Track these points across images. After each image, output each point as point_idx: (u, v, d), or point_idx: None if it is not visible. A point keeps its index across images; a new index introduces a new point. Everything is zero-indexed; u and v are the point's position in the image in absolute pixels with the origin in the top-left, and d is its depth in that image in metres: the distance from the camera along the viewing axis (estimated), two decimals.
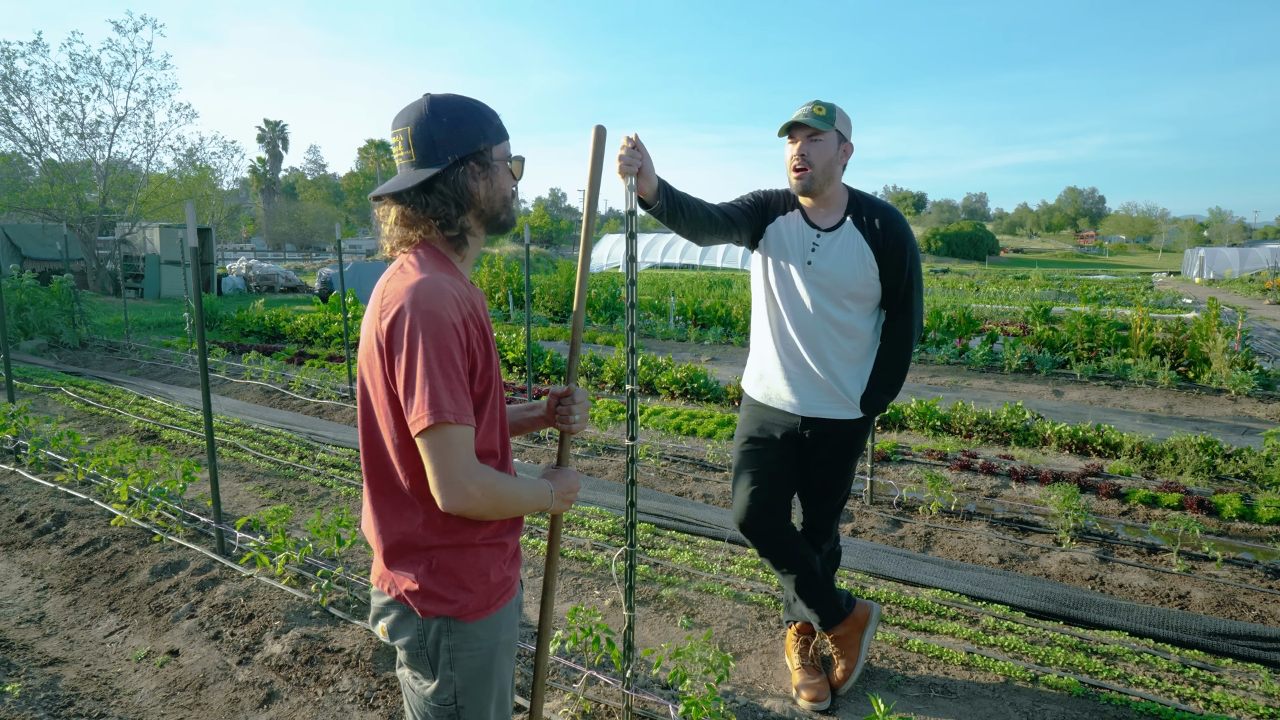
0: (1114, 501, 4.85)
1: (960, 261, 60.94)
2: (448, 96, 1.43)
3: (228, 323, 13.78)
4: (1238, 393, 8.36)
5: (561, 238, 64.86)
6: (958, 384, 9.21)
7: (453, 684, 1.44)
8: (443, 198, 1.41)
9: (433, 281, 1.33)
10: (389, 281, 1.38)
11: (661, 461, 5.75)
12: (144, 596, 3.60)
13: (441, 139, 1.39)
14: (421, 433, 1.29)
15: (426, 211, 1.41)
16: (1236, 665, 3.00)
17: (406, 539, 1.42)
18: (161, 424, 6.71)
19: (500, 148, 1.47)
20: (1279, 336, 14.10)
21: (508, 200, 1.50)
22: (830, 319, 2.58)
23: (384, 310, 1.34)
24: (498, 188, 1.47)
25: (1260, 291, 26.04)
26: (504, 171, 1.48)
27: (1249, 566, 3.95)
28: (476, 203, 1.45)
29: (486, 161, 1.44)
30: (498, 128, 1.47)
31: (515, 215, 1.54)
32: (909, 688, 2.88)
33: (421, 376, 1.28)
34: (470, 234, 1.47)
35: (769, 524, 2.70)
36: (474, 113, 1.43)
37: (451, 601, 1.42)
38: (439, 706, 1.45)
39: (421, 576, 1.41)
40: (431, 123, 1.40)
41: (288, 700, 2.79)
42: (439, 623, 1.42)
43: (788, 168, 2.56)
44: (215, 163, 24.76)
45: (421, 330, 1.29)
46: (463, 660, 1.44)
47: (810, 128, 2.47)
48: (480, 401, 1.42)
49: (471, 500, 1.32)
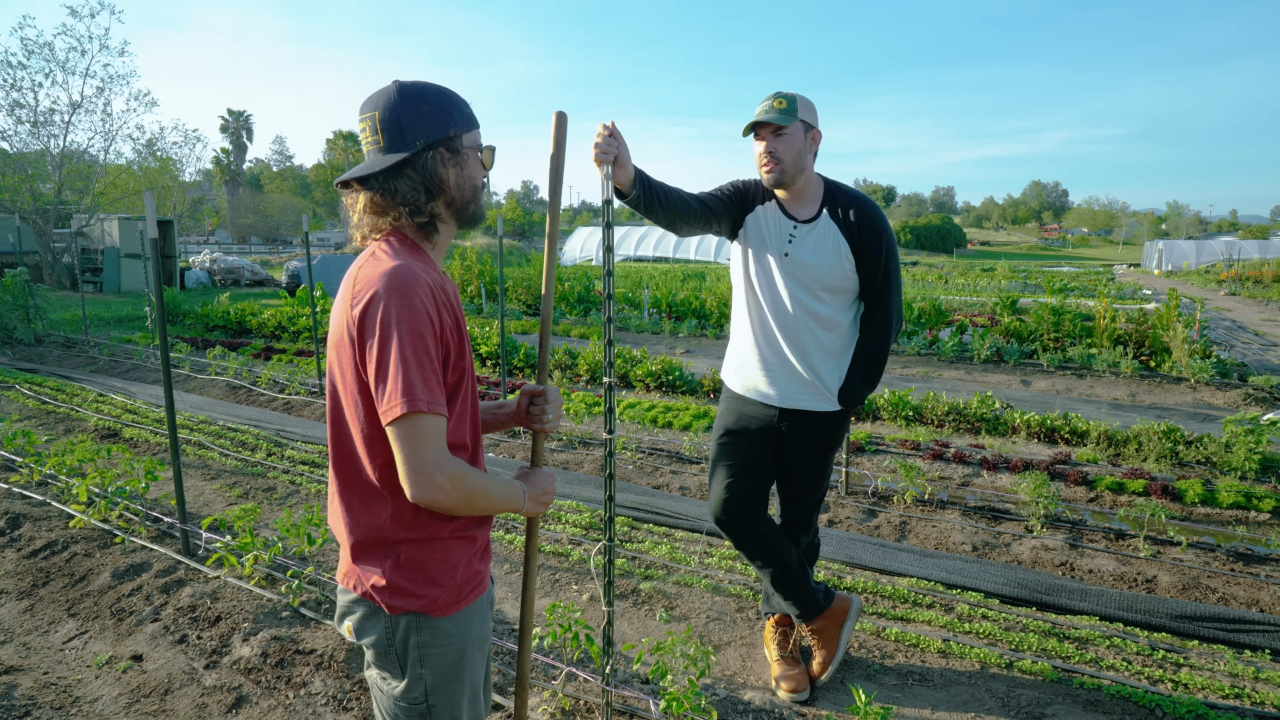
0: (1082, 488, 4.95)
1: (929, 254, 61.80)
2: (417, 83, 1.40)
3: (191, 317, 13.43)
4: (1197, 381, 8.58)
5: (534, 230, 64.39)
6: (929, 375, 9.32)
7: (423, 682, 1.40)
8: (412, 183, 1.37)
9: (406, 268, 1.29)
10: (361, 268, 1.34)
11: (638, 455, 5.73)
12: (105, 600, 3.49)
13: (410, 124, 1.36)
14: (393, 421, 1.25)
15: (395, 198, 1.37)
16: (1202, 647, 3.07)
17: (374, 533, 1.38)
18: (122, 422, 6.51)
19: (470, 136, 1.44)
20: (1234, 326, 14.52)
21: (478, 190, 1.47)
22: (809, 311, 2.57)
23: (356, 297, 1.30)
24: (468, 176, 1.44)
25: (1216, 283, 26.80)
26: (474, 160, 1.45)
27: (1211, 550, 4.05)
28: (446, 190, 1.41)
29: (456, 148, 1.41)
30: (468, 115, 1.43)
31: (485, 208, 1.51)
32: (887, 676, 2.89)
33: (394, 364, 1.25)
34: (440, 222, 1.43)
35: (746, 517, 2.69)
36: (444, 99, 1.40)
37: (420, 596, 1.38)
38: (409, 706, 1.41)
39: (389, 571, 1.38)
40: (401, 107, 1.36)
41: (257, 704, 2.72)
42: (408, 619, 1.39)
43: (757, 165, 2.55)
44: (176, 153, 24.12)
45: (395, 317, 1.25)
46: (433, 657, 1.41)
47: (772, 124, 2.45)
48: (453, 392, 1.38)
49: (441, 492, 1.28)
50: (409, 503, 1.36)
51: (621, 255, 38.39)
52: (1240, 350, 11.16)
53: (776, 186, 2.56)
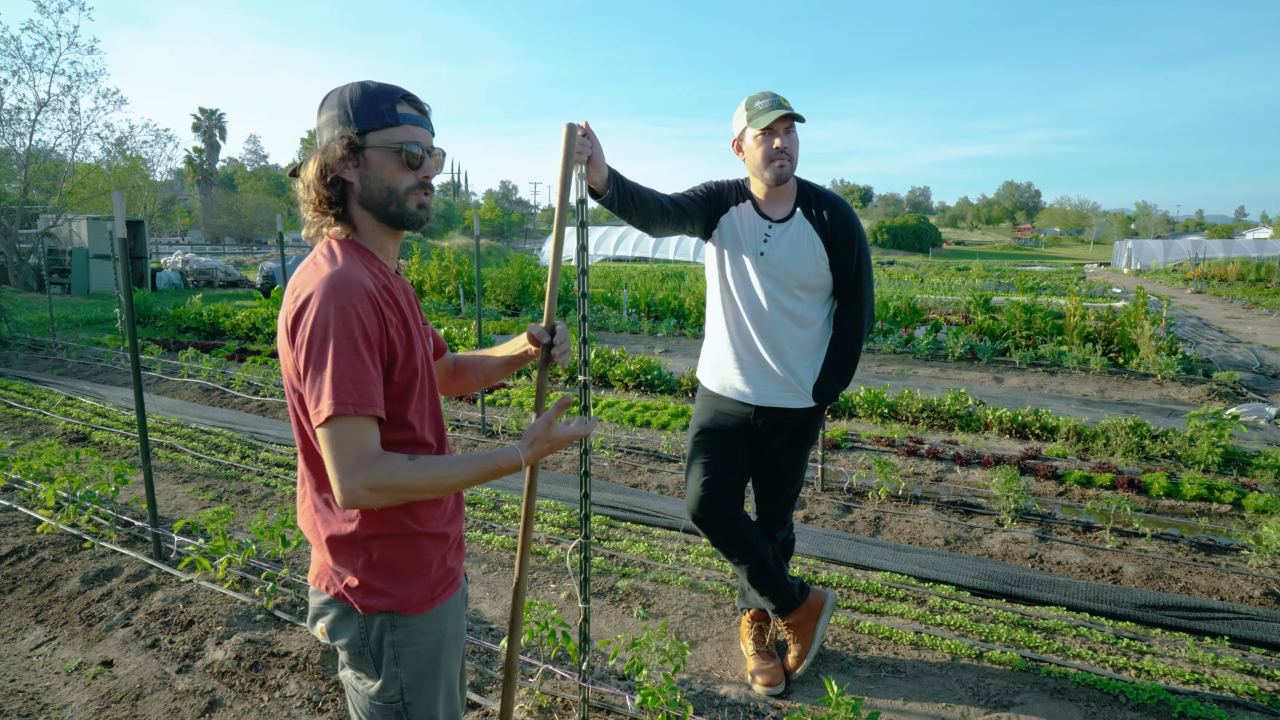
0: (1051, 483, 5.05)
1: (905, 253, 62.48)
2: (348, 84, 1.39)
3: (163, 319, 13.21)
4: (1163, 377, 8.77)
5: (513, 230, 64.09)
6: (904, 372, 9.44)
7: (398, 680, 1.41)
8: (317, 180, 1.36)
9: (342, 273, 1.29)
10: (299, 274, 1.34)
11: (616, 453, 5.75)
12: (74, 606, 3.43)
13: (324, 123, 1.38)
14: (319, 425, 1.25)
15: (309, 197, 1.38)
16: (1165, 634, 3.15)
17: (343, 531, 1.38)
18: (92, 425, 6.39)
19: (378, 134, 1.35)
20: (1200, 324, 14.86)
21: (395, 192, 1.38)
22: (783, 309, 2.60)
23: (292, 302, 1.30)
24: (375, 176, 1.36)
25: (1183, 281, 27.42)
26: (384, 159, 1.36)
27: (1175, 541, 4.15)
28: (352, 190, 1.38)
29: (353, 147, 1.34)
30: (377, 110, 1.35)
31: (413, 211, 1.40)
32: (861, 669, 2.94)
33: (324, 367, 1.24)
34: (357, 219, 1.40)
35: (722, 514, 2.72)
36: (351, 98, 1.36)
37: (393, 595, 1.38)
38: (384, 705, 1.41)
39: (361, 571, 1.38)
40: (322, 108, 1.39)
41: (231, 708, 2.70)
42: (381, 618, 1.39)
43: (760, 160, 2.51)
44: (147, 152, 23.73)
45: (327, 320, 1.25)
46: (408, 656, 1.41)
47: (793, 117, 2.47)
48: (405, 391, 1.38)
49: (363, 497, 1.25)
50: None
51: (600, 255, 38.35)
52: (1205, 347, 11.43)
53: (781, 182, 2.54)
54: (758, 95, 2.51)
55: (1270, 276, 27.73)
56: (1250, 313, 17.25)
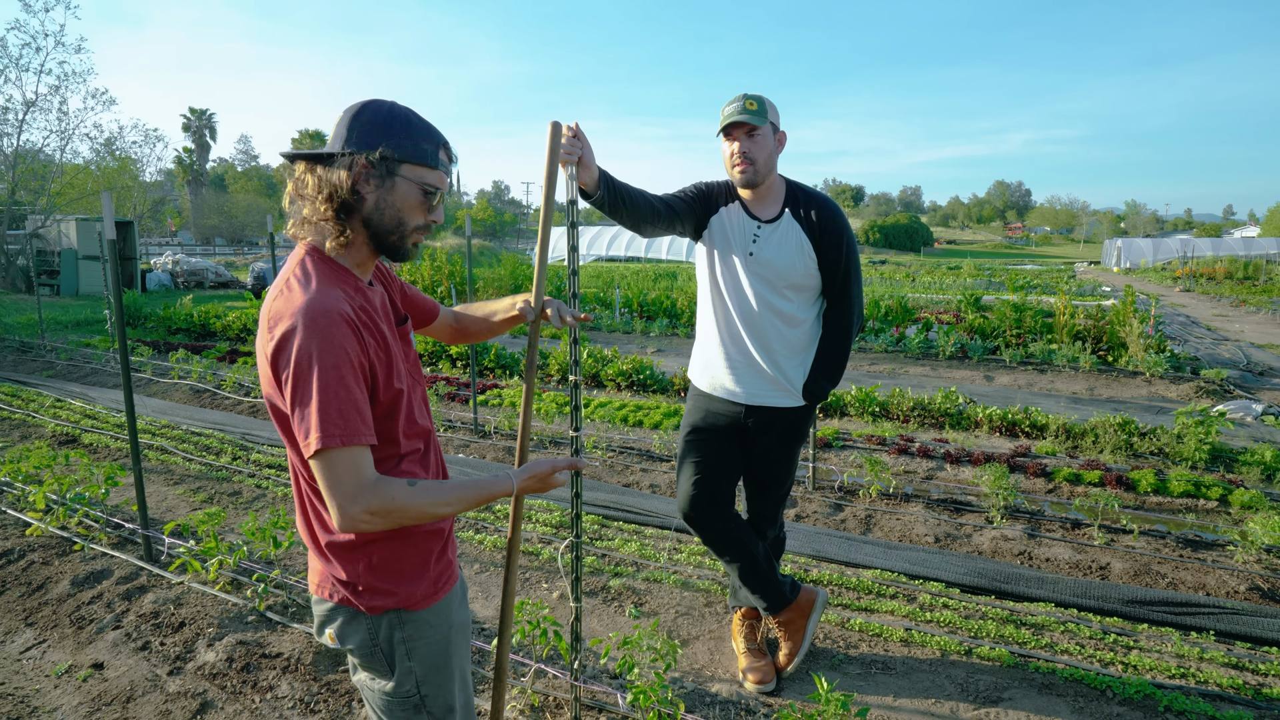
0: (1041, 480, 5.09)
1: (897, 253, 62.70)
2: (405, 108, 1.38)
3: (153, 320, 13.14)
4: (1152, 375, 8.84)
5: (505, 230, 64.00)
6: (895, 371, 9.48)
7: (413, 675, 1.44)
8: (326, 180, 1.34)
9: (319, 303, 1.26)
10: (274, 300, 1.31)
11: (608, 453, 5.76)
12: (64, 609, 3.42)
13: (355, 130, 1.34)
14: (311, 456, 1.25)
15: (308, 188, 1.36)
16: (1151, 630, 3.19)
17: (343, 538, 1.39)
18: (81, 427, 6.36)
19: (414, 169, 1.37)
20: (1188, 322, 14.98)
21: (404, 225, 1.39)
22: (773, 309, 2.62)
23: (270, 332, 1.28)
24: (392, 204, 1.36)
25: (1172, 279, 27.62)
26: (408, 192, 1.37)
27: (1162, 537, 4.19)
28: (362, 205, 1.36)
29: (386, 170, 1.34)
30: (421, 148, 1.37)
31: (408, 248, 1.42)
32: (851, 666, 2.96)
33: (310, 399, 1.24)
34: (353, 231, 1.37)
35: (713, 513, 2.73)
36: (399, 122, 1.36)
37: (396, 593, 1.41)
38: (402, 699, 1.45)
39: (363, 574, 1.40)
40: (357, 115, 1.36)
41: (223, 709, 2.70)
42: (389, 617, 1.41)
43: (728, 165, 2.58)
44: (136, 152, 23.58)
45: (313, 353, 1.24)
46: (420, 649, 1.44)
47: (748, 124, 2.49)
48: (391, 409, 1.39)
49: (362, 524, 1.26)
50: None
51: (593, 255, 38.33)
52: (1194, 345, 11.53)
53: (748, 186, 2.59)
54: (731, 100, 2.53)
55: (1257, 275, 27.96)
56: (1238, 310, 17.39)
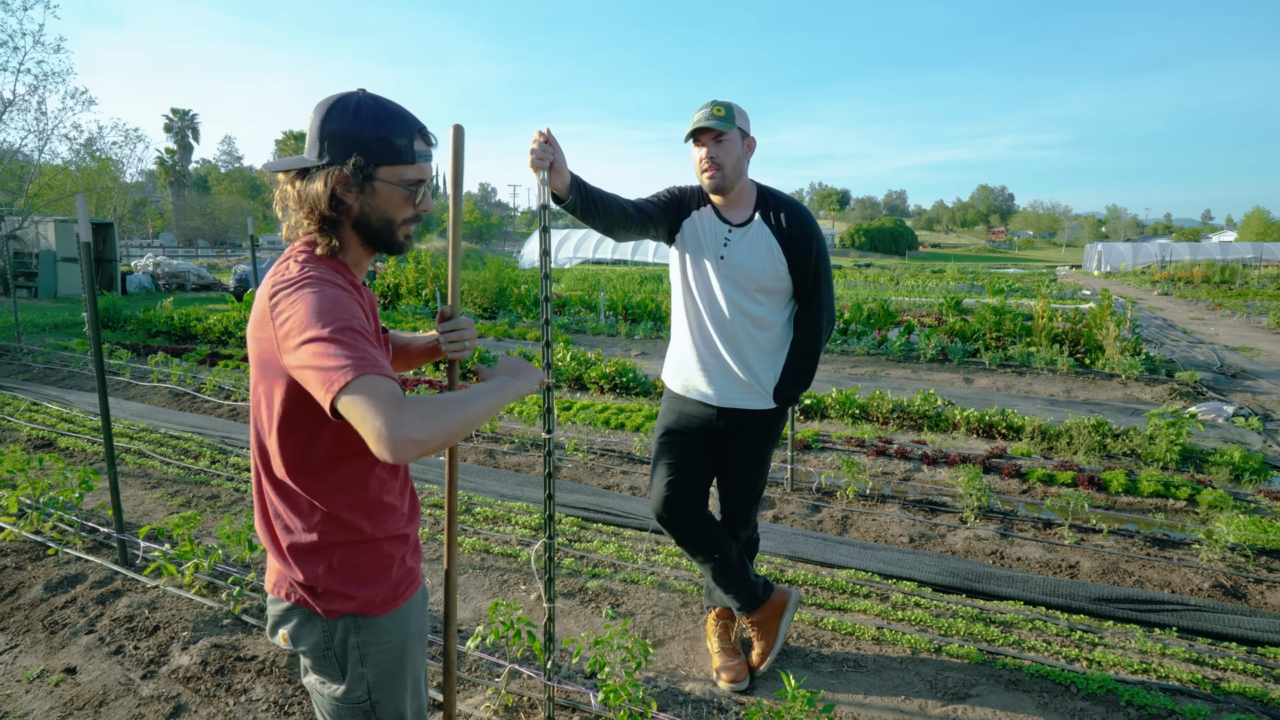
0: (1015, 481, 5.16)
1: (882, 256, 63.15)
2: (366, 100, 1.37)
3: (133, 323, 13.00)
4: (1127, 377, 8.98)
5: (491, 233, 63.86)
6: (876, 374, 9.57)
7: (365, 680, 1.42)
8: (310, 191, 1.35)
9: (329, 275, 1.33)
10: (277, 277, 1.34)
11: (589, 456, 5.78)
12: (37, 614, 3.40)
13: (325, 138, 1.35)
14: (341, 391, 1.13)
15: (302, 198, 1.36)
16: (1116, 626, 3.25)
17: (304, 540, 1.38)
18: (58, 431, 6.30)
19: (391, 169, 1.37)
20: (1165, 325, 15.21)
21: (392, 223, 1.41)
22: (744, 312, 2.65)
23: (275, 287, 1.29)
24: (377, 207, 1.38)
25: (1150, 283, 28.02)
26: (391, 193, 1.38)
27: (1131, 536, 4.27)
28: (349, 212, 1.38)
29: (363, 177, 1.35)
30: (395, 147, 1.36)
31: (400, 240, 1.45)
32: (823, 664, 3.00)
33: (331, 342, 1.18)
34: (345, 234, 1.40)
35: (686, 514, 2.76)
36: (367, 121, 1.35)
37: (356, 598, 1.39)
38: (352, 705, 1.42)
39: (323, 577, 1.38)
40: (327, 118, 1.35)
41: (196, 713, 2.69)
42: (345, 621, 1.39)
43: (697, 170, 2.61)
44: (117, 153, 23.35)
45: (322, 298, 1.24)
46: (374, 655, 1.42)
47: (715, 130, 2.53)
48: None
49: (413, 443, 1.13)
50: (336, 509, 1.37)
51: (580, 258, 38.35)
52: (1170, 347, 11.71)
53: (717, 191, 2.62)
54: (700, 106, 2.57)
55: (1234, 278, 28.44)
56: (1214, 314, 17.68)
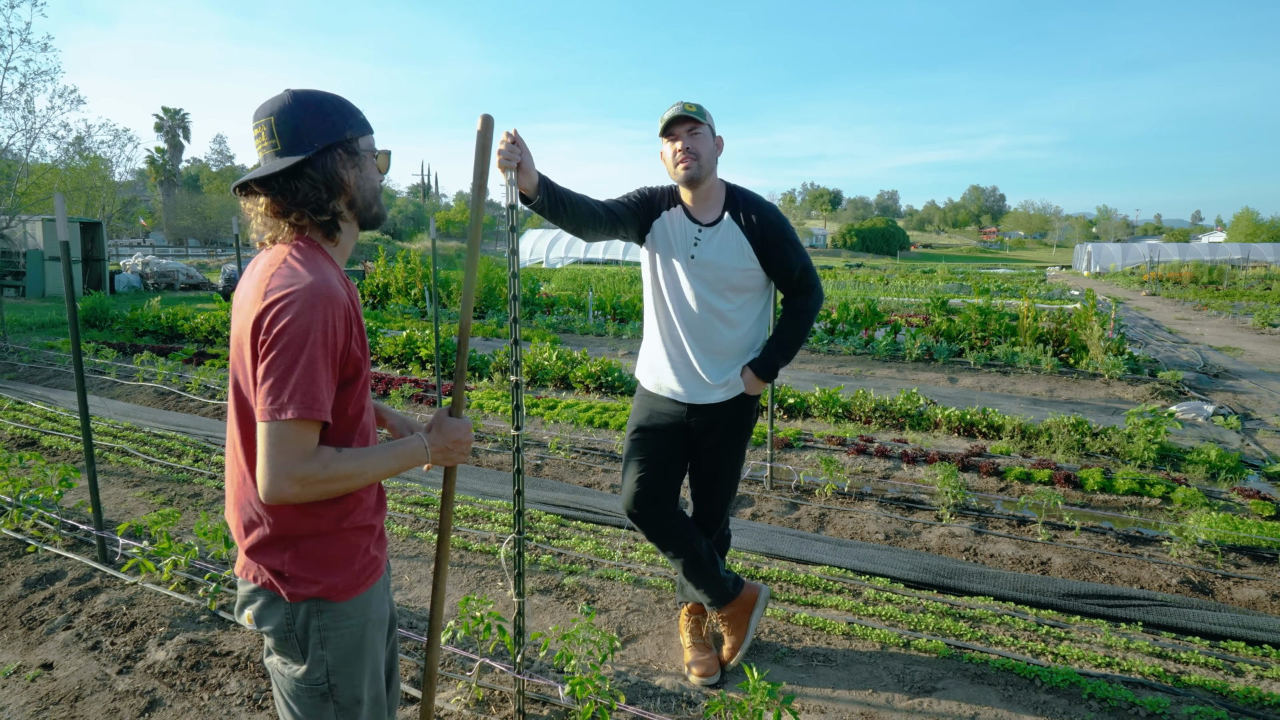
0: (993, 479, 5.22)
1: (874, 256, 63.39)
2: (310, 90, 1.47)
3: (120, 322, 12.96)
4: (1110, 376, 9.07)
5: (484, 233, 63.72)
6: (862, 373, 9.63)
7: (324, 663, 1.47)
8: (313, 183, 1.42)
9: (325, 283, 1.35)
10: (273, 276, 1.36)
11: (572, 454, 5.81)
12: (15, 610, 3.41)
13: (307, 127, 1.42)
14: (271, 421, 1.29)
15: (296, 198, 1.41)
16: (1083, 621, 3.31)
17: (274, 528, 1.43)
18: (41, 430, 6.29)
19: (366, 140, 1.51)
20: (1151, 325, 15.34)
21: (377, 192, 1.54)
22: (714, 310, 2.69)
23: (268, 300, 1.32)
24: (366, 177, 1.50)
25: (1139, 284, 28.23)
26: (371, 163, 1.52)
27: (1103, 533, 4.33)
28: (347, 190, 1.48)
29: (354, 150, 1.47)
30: (362, 120, 1.50)
31: (382, 211, 1.57)
32: (794, 659, 3.04)
33: (294, 372, 1.29)
34: (343, 221, 1.49)
35: (656, 510, 2.80)
36: (337, 104, 1.48)
37: (320, 583, 1.44)
38: (310, 687, 1.47)
39: (288, 563, 1.43)
40: (296, 111, 1.42)
41: (171, 707, 2.71)
42: (308, 605, 1.44)
43: (670, 163, 2.65)
44: (106, 152, 23.25)
45: (311, 329, 1.31)
46: (334, 640, 1.47)
47: (690, 120, 2.57)
48: (362, 391, 1.47)
49: (289, 494, 1.31)
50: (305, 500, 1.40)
51: (571, 258, 38.44)
52: (1154, 348, 11.82)
53: (690, 183, 2.64)
54: (669, 107, 2.62)
55: (1221, 279, 28.68)
56: (1200, 314, 17.83)
